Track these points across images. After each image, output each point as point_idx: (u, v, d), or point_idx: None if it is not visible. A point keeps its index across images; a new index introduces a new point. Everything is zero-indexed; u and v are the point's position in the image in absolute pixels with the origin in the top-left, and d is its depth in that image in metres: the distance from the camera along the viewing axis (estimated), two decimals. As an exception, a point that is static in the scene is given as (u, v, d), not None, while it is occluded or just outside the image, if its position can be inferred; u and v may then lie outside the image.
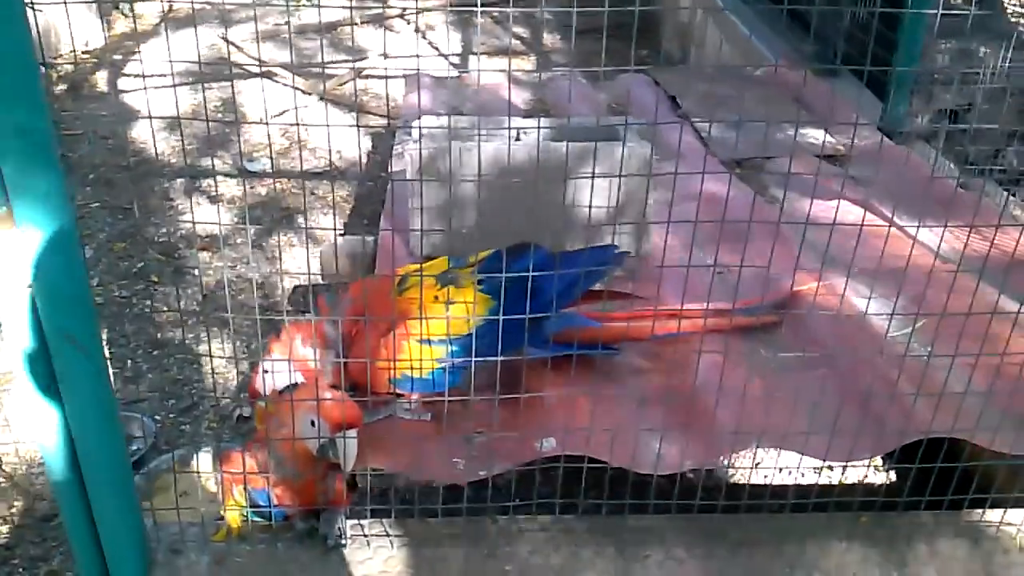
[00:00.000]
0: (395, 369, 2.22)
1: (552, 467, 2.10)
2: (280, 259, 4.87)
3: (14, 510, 3.28)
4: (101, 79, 6.92)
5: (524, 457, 2.16)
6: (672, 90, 4.89)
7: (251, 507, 2.17)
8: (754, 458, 2.05)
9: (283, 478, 2.11)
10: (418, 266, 2.34)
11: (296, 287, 4.59)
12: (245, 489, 2.17)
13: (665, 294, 2.59)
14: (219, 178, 5.67)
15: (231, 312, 4.39)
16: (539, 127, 3.14)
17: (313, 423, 2.01)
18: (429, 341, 2.20)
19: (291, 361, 2.20)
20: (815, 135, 4.25)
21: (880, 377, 2.35)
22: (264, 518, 2.20)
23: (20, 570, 3.09)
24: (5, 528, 3.21)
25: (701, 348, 2.13)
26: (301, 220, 5.26)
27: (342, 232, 5.05)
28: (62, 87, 6.75)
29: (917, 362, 2.27)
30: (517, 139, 3.13)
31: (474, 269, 2.34)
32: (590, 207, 2.60)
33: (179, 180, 5.65)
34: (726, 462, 2.18)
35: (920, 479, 2.18)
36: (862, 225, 2.00)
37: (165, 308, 4.49)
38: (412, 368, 2.20)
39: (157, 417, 3.75)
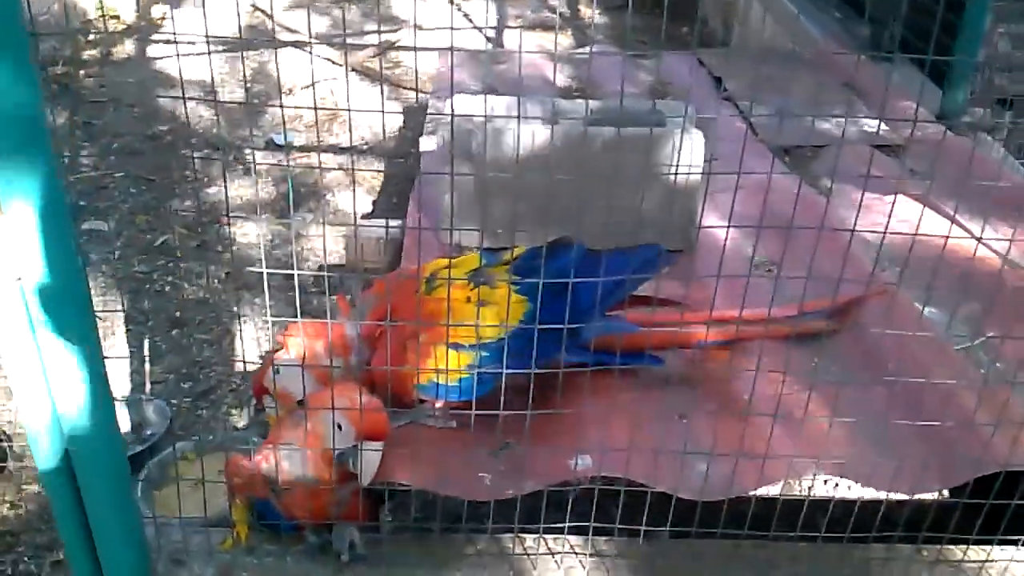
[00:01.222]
0: (421, 375, 2.05)
1: (586, 486, 1.92)
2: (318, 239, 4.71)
3: (22, 495, 3.16)
4: (131, 46, 6.77)
5: (556, 476, 1.97)
6: (717, 71, 4.65)
7: (256, 518, 2.02)
8: (811, 486, 1.86)
9: (294, 480, 1.96)
10: (448, 261, 2.15)
11: (321, 267, 4.43)
12: (248, 498, 2.02)
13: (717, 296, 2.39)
14: (248, 151, 5.51)
15: (255, 292, 4.25)
16: (586, 108, 2.94)
17: (340, 427, 1.85)
18: (458, 346, 2.02)
19: (305, 367, 2.03)
20: (868, 123, 4.01)
21: (952, 400, 2.13)
22: (273, 528, 2.05)
23: (25, 559, 2.97)
24: (12, 513, 3.09)
25: (757, 359, 1.93)
26: (329, 197, 5.10)
27: (370, 212, 4.90)
28: (92, 53, 6.60)
29: (994, 383, 2.07)
30: (556, 123, 2.93)
31: (509, 268, 2.15)
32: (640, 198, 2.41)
33: (206, 151, 5.50)
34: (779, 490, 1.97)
35: (991, 511, 1.98)
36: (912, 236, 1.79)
37: (187, 285, 4.35)
38: (439, 374, 2.03)
39: (173, 401, 3.62)
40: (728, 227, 1.78)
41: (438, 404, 2.13)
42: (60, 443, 1.74)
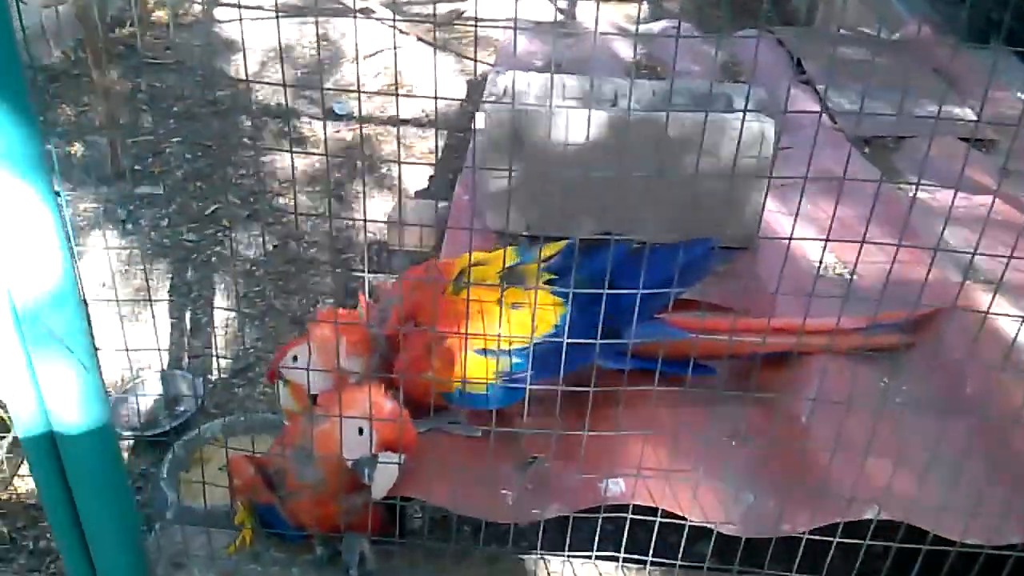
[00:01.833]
0: (447, 382, 1.88)
1: (619, 514, 1.73)
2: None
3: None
4: (197, 8, 6.69)
5: (584, 501, 1.78)
6: (797, 52, 4.36)
7: (261, 524, 1.89)
8: (871, 528, 1.64)
9: (303, 485, 1.81)
10: (481, 255, 1.97)
11: (371, 243, 4.29)
12: (250, 502, 1.88)
13: (777, 301, 2.18)
14: (306, 120, 5.39)
15: (300, 266, 4.14)
16: (629, 92, 2.72)
17: (361, 431, 1.69)
18: (487, 351, 1.85)
19: (319, 365, 1.88)
20: (961, 115, 3.70)
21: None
22: (281, 535, 1.91)
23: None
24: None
25: (819, 376, 1.72)
26: (385, 169, 4.96)
27: (425, 188, 4.74)
28: (160, 14, 6.55)
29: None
30: (614, 104, 2.72)
31: (544, 266, 1.96)
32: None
33: (265, 119, 5.40)
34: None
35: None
36: None
37: (235, 257, 4.26)
38: (465, 383, 1.86)
39: (211, 376, 3.52)
40: (790, 239, 1.55)
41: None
42: (48, 440, 1.62)
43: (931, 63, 4.12)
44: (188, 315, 3.84)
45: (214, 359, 3.63)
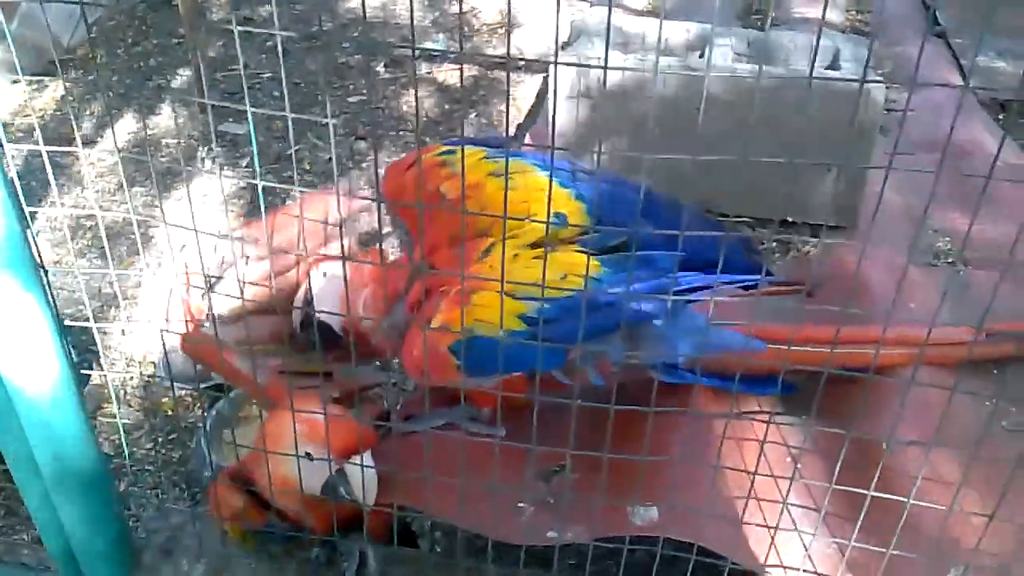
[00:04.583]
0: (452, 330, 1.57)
1: (647, 547, 1.47)
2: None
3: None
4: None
5: (609, 527, 1.51)
6: (934, 1, 3.87)
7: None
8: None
9: (287, 505, 1.63)
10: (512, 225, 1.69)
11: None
12: (243, 529, 1.69)
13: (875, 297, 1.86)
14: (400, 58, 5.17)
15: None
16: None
17: (310, 455, 1.48)
18: (513, 295, 1.55)
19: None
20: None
21: None
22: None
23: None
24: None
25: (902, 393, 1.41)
26: (474, 114, 4.71)
27: (514, 134, 4.48)
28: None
29: None
30: (700, 56, 2.40)
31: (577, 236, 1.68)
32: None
33: (358, 57, 5.19)
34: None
35: None
36: None
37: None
38: (482, 323, 1.54)
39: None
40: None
41: (485, 410, 1.69)
42: (13, 417, 1.46)
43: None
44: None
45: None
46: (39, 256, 1.38)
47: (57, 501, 1.55)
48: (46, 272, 1.41)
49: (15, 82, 4.80)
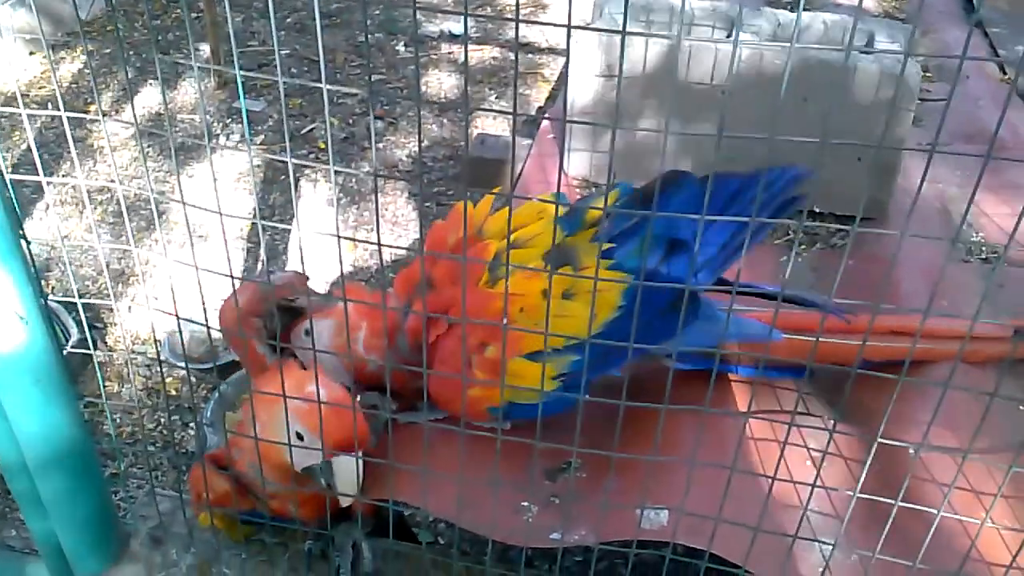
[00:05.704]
0: (493, 396, 1.54)
1: (655, 552, 1.38)
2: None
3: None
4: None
5: (615, 531, 1.43)
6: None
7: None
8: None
9: (272, 491, 1.54)
10: (522, 234, 1.58)
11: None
12: (226, 514, 1.60)
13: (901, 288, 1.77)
14: (429, 35, 5.07)
15: (389, 197, 3.88)
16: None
17: (300, 436, 1.40)
18: (540, 354, 1.49)
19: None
20: None
21: None
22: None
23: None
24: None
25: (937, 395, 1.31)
26: (502, 88, 4.61)
27: (541, 112, 4.38)
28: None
29: None
30: (728, 36, 2.29)
31: (594, 236, 1.57)
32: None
33: (378, 35, 5.11)
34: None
35: None
36: None
37: (324, 180, 4.03)
38: (520, 392, 1.52)
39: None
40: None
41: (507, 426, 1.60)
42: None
43: None
44: (262, 242, 3.63)
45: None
46: (21, 226, 1.30)
47: (40, 484, 1.48)
48: (28, 243, 1.33)
49: (32, 53, 4.76)
